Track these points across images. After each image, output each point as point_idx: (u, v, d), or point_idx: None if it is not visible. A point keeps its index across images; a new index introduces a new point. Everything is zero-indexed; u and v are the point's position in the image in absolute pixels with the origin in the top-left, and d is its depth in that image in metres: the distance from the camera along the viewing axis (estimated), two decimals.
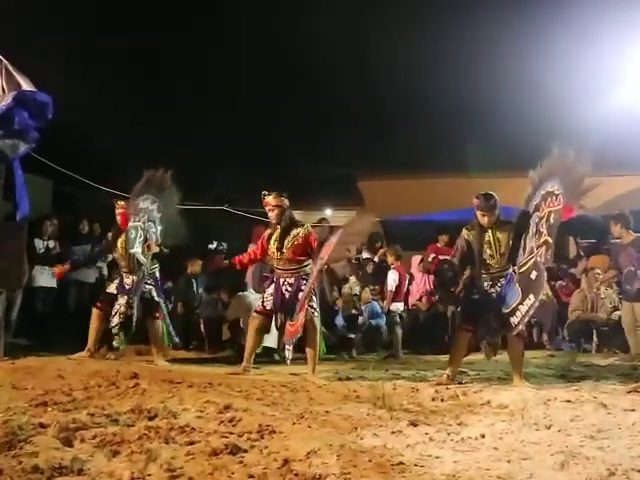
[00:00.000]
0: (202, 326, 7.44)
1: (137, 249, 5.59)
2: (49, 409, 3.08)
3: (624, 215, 6.66)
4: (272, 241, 5.16)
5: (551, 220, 4.26)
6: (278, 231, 5.15)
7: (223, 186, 8.88)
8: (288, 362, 5.26)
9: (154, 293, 5.69)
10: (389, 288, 7.32)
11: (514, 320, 4.38)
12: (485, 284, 4.65)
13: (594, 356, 7.00)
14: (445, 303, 8.18)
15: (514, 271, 4.60)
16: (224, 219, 9.20)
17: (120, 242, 5.76)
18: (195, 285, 7.77)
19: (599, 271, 7.93)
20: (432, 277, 8.53)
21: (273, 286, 5.19)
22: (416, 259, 8.65)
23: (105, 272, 8.32)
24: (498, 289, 4.61)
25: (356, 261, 8.21)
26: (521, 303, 4.34)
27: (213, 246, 9.15)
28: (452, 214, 9.10)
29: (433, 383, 4.62)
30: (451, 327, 7.83)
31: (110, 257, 8.41)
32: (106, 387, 3.79)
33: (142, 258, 5.59)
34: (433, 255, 8.87)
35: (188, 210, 6.76)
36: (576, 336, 7.59)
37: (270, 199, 5.14)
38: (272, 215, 5.16)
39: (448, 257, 8.69)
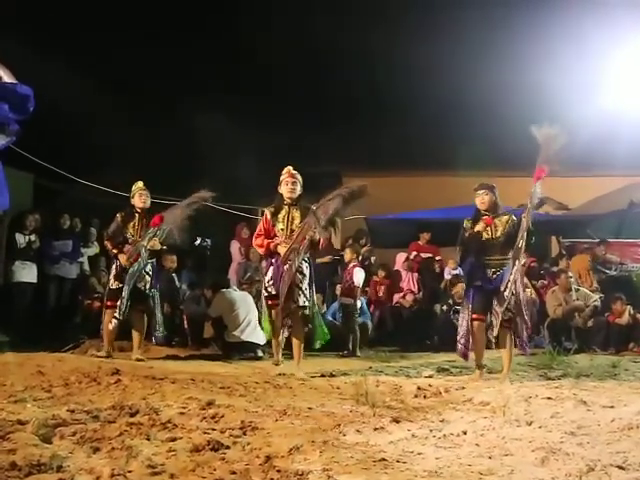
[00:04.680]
0: (185, 322, 7.39)
1: (144, 242, 5.64)
2: (28, 405, 3.04)
3: None
4: (279, 220, 4.95)
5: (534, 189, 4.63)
6: (286, 209, 4.97)
7: (208, 182, 8.81)
8: None
9: (148, 286, 5.70)
10: (357, 284, 7.34)
11: (507, 293, 4.58)
12: (488, 271, 4.76)
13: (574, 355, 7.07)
14: (430, 300, 8.23)
15: None
16: (209, 215, 9.13)
17: (132, 226, 5.75)
18: (176, 280, 7.71)
19: (571, 274, 8.09)
20: (416, 275, 8.59)
21: (272, 269, 4.92)
22: (401, 257, 8.69)
23: (87, 267, 8.23)
24: (499, 274, 4.73)
25: (338, 257, 8.21)
26: (511, 273, 4.58)
27: (197, 242, 9.13)
28: (435, 212, 9.17)
29: (472, 379, 4.73)
30: (435, 324, 7.89)
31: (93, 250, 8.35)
32: (87, 383, 3.74)
33: (144, 253, 5.61)
34: (415, 253, 8.92)
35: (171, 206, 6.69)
36: (556, 335, 7.68)
37: (292, 170, 5.02)
38: (288, 189, 4.97)
39: (430, 255, 8.82)
